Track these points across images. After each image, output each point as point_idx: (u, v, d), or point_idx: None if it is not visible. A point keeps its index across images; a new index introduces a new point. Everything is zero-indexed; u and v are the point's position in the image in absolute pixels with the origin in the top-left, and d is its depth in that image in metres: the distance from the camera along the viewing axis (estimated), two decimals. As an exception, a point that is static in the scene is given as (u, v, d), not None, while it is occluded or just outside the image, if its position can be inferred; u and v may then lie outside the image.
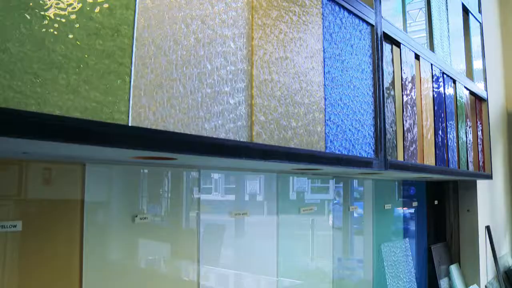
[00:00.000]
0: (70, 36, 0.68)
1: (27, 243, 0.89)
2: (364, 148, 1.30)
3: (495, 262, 3.13)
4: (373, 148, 1.34)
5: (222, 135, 0.84)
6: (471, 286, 2.46)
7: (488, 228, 3.05)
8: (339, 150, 1.17)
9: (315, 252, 1.76)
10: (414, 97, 1.73)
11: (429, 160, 1.82)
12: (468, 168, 2.34)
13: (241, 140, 0.88)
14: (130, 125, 0.72)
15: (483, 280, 2.93)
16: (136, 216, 1.06)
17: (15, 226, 0.87)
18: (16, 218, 0.88)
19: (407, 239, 2.44)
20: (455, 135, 2.20)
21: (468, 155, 2.40)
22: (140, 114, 0.75)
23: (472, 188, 2.91)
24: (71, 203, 0.98)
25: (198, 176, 1.26)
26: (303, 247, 1.70)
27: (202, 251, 1.25)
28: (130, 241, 1.08)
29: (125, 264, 1.08)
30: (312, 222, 1.76)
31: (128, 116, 0.73)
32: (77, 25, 0.68)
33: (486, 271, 3.02)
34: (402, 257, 2.32)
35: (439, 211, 2.95)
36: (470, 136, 2.49)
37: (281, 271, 1.56)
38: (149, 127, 0.75)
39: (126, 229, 1.06)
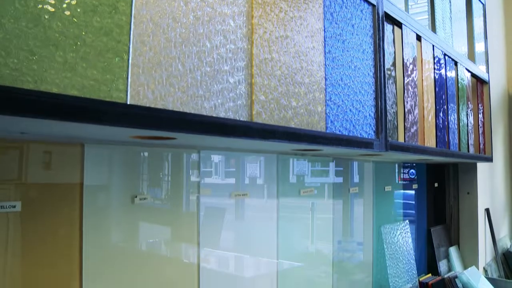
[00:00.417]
0: (67, 12, 0.66)
1: (26, 223, 0.89)
2: (365, 129, 1.29)
3: (493, 244, 3.15)
4: (374, 129, 1.33)
5: (222, 114, 0.84)
6: (469, 268, 2.47)
7: (487, 210, 3.06)
8: (339, 131, 1.16)
9: (315, 234, 1.77)
10: (415, 79, 1.72)
11: (430, 142, 1.81)
12: (468, 151, 2.34)
13: (241, 119, 0.88)
14: (128, 103, 0.72)
15: (482, 262, 2.96)
16: (136, 197, 1.06)
17: (14, 206, 0.86)
18: (16, 199, 0.88)
19: (407, 221, 2.44)
20: (456, 117, 2.19)
21: (469, 138, 2.39)
22: (139, 93, 0.74)
23: (472, 170, 2.91)
24: (70, 185, 0.97)
25: (198, 159, 1.26)
26: (303, 230, 1.71)
27: (202, 234, 1.25)
28: (130, 221, 1.08)
29: (125, 244, 1.08)
30: (312, 205, 1.76)
31: (127, 95, 0.72)
32: (74, 2, 0.67)
33: (485, 253, 3.04)
34: (402, 239, 2.33)
35: (439, 193, 2.96)
36: (471, 119, 2.47)
37: (281, 254, 1.56)
38: (147, 105, 0.74)
39: (125, 210, 1.06)
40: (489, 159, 2.72)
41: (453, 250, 2.84)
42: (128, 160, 1.08)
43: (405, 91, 1.61)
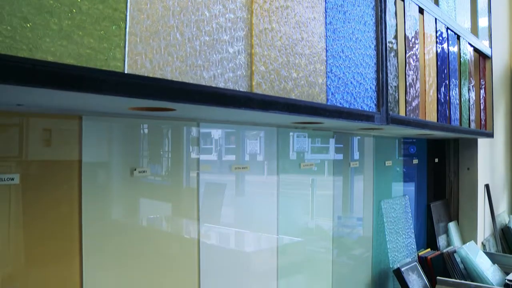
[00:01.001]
0: (61, -22, 0.64)
1: (25, 196, 0.89)
2: (366, 102, 1.28)
3: (492, 219, 3.17)
4: (375, 102, 1.32)
5: (221, 85, 0.82)
6: (468, 243, 2.49)
7: (487, 186, 3.07)
8: (340, 103, 1.15)
9: (315, 210, 1.77)
10: (417, 52, 1.70)
11: (431, 116, 1.80)
12: (470, 126, 2.33)
13: (241, 90, 0.86)
14: (126, 72, 0.70)
15: (480, 237, 2.98)
16: (135, 170, 1.06)
17: (12, 179, 0.86)
18: (14, 172, 0.87)
19: (407, 196, 2.45)
20: (457, 92, 2.17)
21: (470, 113, 2.38)
22: (137, 62, 0.73)
23: (472, 146, 2.91)
24: (68, 157, 0.97)
25: (198, 134, 1.25)
26: (303, 206, 1.71)
27: (202, 209, 1.25)
28: (129, 195, 1.08)
29: (125, 219, 1.08)
30: (312, 181, 1.76)
31: (124, 64, 0.71)
32: (68, -34, 0.65)
33: (484, 228, 3.06)
34: (401, 213, 2.34)
35: (439, 169, 2.96)
36: (472, 94, 2.46)
37: (281, 229, 1.57)
38: (146, 75, 0.73)
39: (124, 183, 1.06)
40: (490, 135, 2.71)
41: (452, 225, 2.86)
42: (127, 133, 1.07)
43: (407, 65, 1.59)
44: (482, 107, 2.64)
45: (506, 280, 2.23)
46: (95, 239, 1.00)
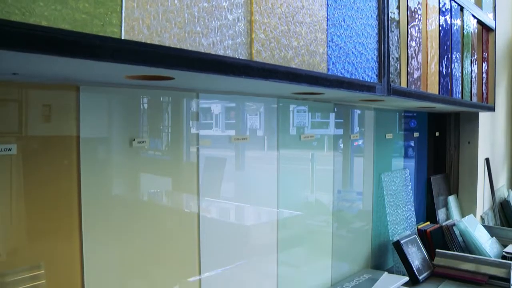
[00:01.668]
0: None
1: (23, 166, 0.88)
2: (367, 73, 1.26)
3: (492, 193, 3.18)
4: (376, 73, 1.30)
5: (221, 52, 0.81)
6: (467, 216, 2.51)
7: (487, 160, 3.07)
8: (341, 73, 1.14)
9: (315, 185, 1.78)
10: (419, 23, 1.67)
11: (433, 88, 1.78)
12: (471, 100, 2.31)
13: (241, 58, 0.85)
14: (123, 38, 0.69)
15: (479, 211, 3.00)
16: (134, 140, 1.05)
17: (10, 149, 0.85)
18: (11, 142, 0.87)
19: (407, 169, 2.45)
20: (460, 65, 2.14)
21: (472, 87, 2.35)
22: (134, 28, 0.71)
23: (473, 120, 2.89)
24: (67, 130, 0.96)
25: (197, 109, 1.23)
26: (303, 180, 1.71)
27: (202, 184, 1.25)
28: (129, 166, 1.07)
29: (124, 192, 1.08)
30: (312, 156, 1.76)
31: (121, 29, 0.69)
32: None
33: (483, 202, 3.08)
34: (402, 186, 2.35)
35: (440, 142, 2.95)
36: (475, 67, 2.43)
37: (281, 203, 1.57)
38: (143, 41, 0.71)
39: (123, 154, 1.05)
40: (492, 109, 2.70)
41: (452, 199, 2.87)
42: (125, 105, 1.06)
43: (409, 36, 1.56)
44: (484, 81, 2.62)
45: (504, 252, 2.26)
46: (95, 212, 1.00)
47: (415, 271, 2.01)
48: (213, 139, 1.32)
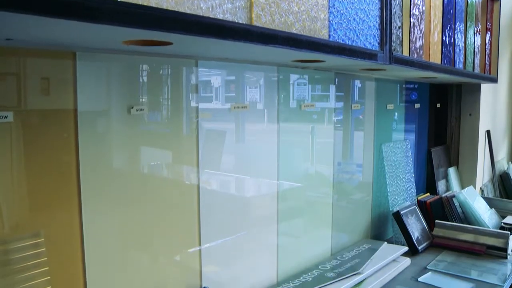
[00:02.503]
0: None
1: (20, 134, 0.88)
2: (369, 40, 1.24)
3: (492, 166, 3.19)
4: (378, 41, 1.28)
5: (220, 16, 0.79)
6: (467, 188, 2.52)
7: (488, 132, 3.06)
8: (342, 40, 1.12)
9: (315, 157, 1.77)
10: (423, -9, 1.63)
11: (435, 58, 1.76)
12: (474, 71, 2.28)
13: (240, 22, 0.83)
14: (120, 0, 0.67)
15: (479, 182, 3.01)
16: (132, 108, 1.04)
17: (6, 117, 0.84)
18: (7, 109, 0.86)
19: (407, 140, 2.45)
20: (463, 35, 2.11)
21: (475, 57, 2.33)
22: (130, -11, 0.69)
23: (475, 92, 2.87)
24: (64, 102, 0.95)
25: (196, 81, 1.22)
26: (303, 153, 1.71)
27: (201, 156, 1.25)
28: (127, 135, 1.07)
29: (123, 162, 1.08)
30: (312, 129, 1.75)
31: (117, -9, 0.68)
32: None
33: (483, 174, 3.09)
34: (402, 157, 2.35)
35: (441, 114, 2.94)
36: (478, 38, 2.39)
37: (282, 175, 1.58)
38: (140, 3, 0.69)
39: (122, 122, 1.04)
40: (494, 80, 2.67)
41: (452, 171, 2.88)
42: (123, 72, 1.05)
43: (412, 4, 1.53)
44: (487, 52, 2.58)
45: (502, 223, 2.28)
46: (94, 184, 1.00)
47: (415, 241, 2.03)
48: (213, 112, 1.32)
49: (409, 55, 1.51)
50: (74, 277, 0.98)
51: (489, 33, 2.58)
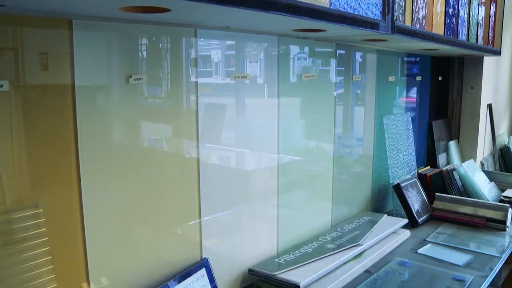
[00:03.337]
0: None
1: (17, 103, 0.87)
2: (371, 9, 1.21)
3: (492, 139, 3.18)
4: (380, 10, 1.26)
5: (218, -19, 0.77)
6: (467, 161, 2.52)
7: (489, 106, 3.04)
8: (344, 8, 1.09)
9: (316, 130, 1.77)
10: (427, -41, 1.59)
11: (438, 29, 1.73)
12: (477, 43, 2.25)
13: (239, -13, 0.81)
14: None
15: (479, 156, 3.01)
16: (130, 77, 1.03)
17: (1, 86, 0.83)
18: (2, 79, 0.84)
19: (408, 113, 2.44)
20: (467, 6, 2.07)
21: (479, 29, 2.29)
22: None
23: (478, 65, 2.84)
24: (61, 76, 0.93)
25: (195, 55, 1.20)
26: (304, 126, 1.70)
27: (201, 129, 1.24)
28: (126, 108, 1.06)
29: (122, 136, 1.07)
30: (313, 102, 1.74)
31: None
32: None
33: (483, 148, 3.08)
34: (403, 130, 2.34)
35: (443, 87, 2.92)
36: (482, 9, 2.35)
37: (282, 149, 1.57)
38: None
39: (120, 91, 1.03)
40: (498, 53, 2.64)
41: (452, 144, 2.88)
42: (120, 41, 1.03)
43: (415, -28, 1.50)
44: (491, 24, 2.54)
45: (502, 196, 2.29)
46: (93, 158, 0.99)
47: (414, 214, 2.04)
48: (213, 87, 1.30)
49: (412, 25, 1.48)
50: (74, 248, 0.99)
51: (494, 4, 2.54)
